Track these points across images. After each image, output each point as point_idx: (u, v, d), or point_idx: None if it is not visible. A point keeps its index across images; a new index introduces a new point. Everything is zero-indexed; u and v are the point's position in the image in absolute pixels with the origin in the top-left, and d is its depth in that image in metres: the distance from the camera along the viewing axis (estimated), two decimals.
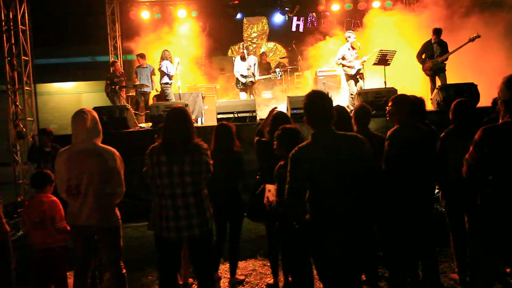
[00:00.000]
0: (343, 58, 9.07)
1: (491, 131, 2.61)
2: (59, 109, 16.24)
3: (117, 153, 3.46)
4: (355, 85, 9.09)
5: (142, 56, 10.47)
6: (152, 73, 10.36)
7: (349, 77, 9.14)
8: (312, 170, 2.64)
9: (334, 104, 2.93)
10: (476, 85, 7.78)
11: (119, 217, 3.51)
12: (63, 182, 3.35)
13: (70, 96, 16.86)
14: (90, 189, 3.31)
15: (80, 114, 3.38)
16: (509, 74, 2.63)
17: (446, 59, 8.71)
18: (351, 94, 9.09)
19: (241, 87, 9.72)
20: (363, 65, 9.03)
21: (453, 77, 8.99)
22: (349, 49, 9.06)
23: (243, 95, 9.67)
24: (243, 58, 9.65)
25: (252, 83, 9.66)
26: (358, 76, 9.08)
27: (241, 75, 9.60)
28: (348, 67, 9.05)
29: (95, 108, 7.98)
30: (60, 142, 4.27)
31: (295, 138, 3.31)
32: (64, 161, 3.35)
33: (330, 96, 2.80)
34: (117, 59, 12.53)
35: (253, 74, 9.58)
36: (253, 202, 3.97)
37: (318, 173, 2.64)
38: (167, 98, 9.49)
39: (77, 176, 3.30)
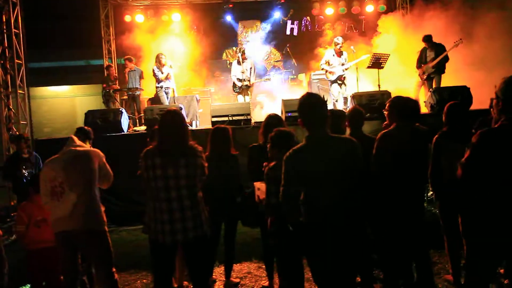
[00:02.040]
0: (327, 63, 9.17)
1: (488, 134, 2.61)
2: (52, 113, 16.14)
3: (99, 152, 3.60)
4: (339, 89, 9.18)
5: (129, 59, 10.54)
6: (141, 76, 10.39)
7: (331, 82, 9.27)
8: (307, 173, 2.65)
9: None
10: (469, 88, 7.85)
11: (105, 221, 3.54)
12: (47, 187, 3.38)
13: (64, 100, 16.77)
14: (77, 192, 3.34)
15: None
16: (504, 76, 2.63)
17: (438, 63, 8.84)
18: (334, 99, 9.21)
19: (237, 90, 9.75)
20: (344, 71, 9.12)
21: (449, 80, 9.09)
22: (334, 55, 9.16)
23: (241, 98, 9.68)
24: (239, 62, 9.68)
25: (247, 86, 9.68)
26: (340, 82, 9.16)
27: (237, 79, 9.61)
28: (330, 72, 9.16)
29: (89, 112, 8.06)
30: (54, 145, 4.28)
31: (288, 141, 3.32)
32: (52, 166, 3.41)
33: (325, 99, 2.82)
34: (111, 62, 12.52)
35: (249, 78, 9.61)
36: (245, 207, 3.99)
37: (313, 176, 2.65)
38: (160, 101, 9.55)
39: (63, 180, 3.34)
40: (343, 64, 9.12)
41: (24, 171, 6.38)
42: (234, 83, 9.79)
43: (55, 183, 3.34)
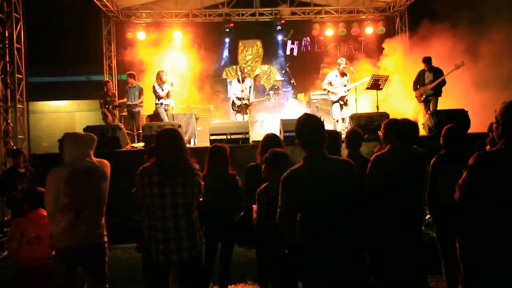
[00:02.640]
0: (330, 84, 9.22)
1: (485, 157, 2.61)
2: (52, 127, 16.14)
3: (107, 163, 3.54)
4: (340, 111, 9.21)
5: (131, 75, 10.61)
6: (140, 92, 10.44)
7: (333, 102, 9.29)
8: (304, 193, 2.63)
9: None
10: (466, 111, 7.89)
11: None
12: (56, 201, 3.23)
13: (63, 115, 16.82)
14: (91, 205, 3.31)
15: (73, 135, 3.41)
16: (502, 101, 2.64)
17: (436, 86, 8.90)
18: (334, 119, 9.25)
19: (236, 109, 9.76)
20: (346, 92, 9.17)
21: (445, 103, 9.15)
22: (337, 75, 9.21)
23: (239, 117, 9.70)
24: (239, 81, 9.72)
25: (246, 105, 9.71)
26: (342, 103, 9.20)
27: (237, 98, 9.65)
28: (332, 93, 9.20)
29: (87, 127, 8.06)
30: (51, 160, 4.26)
31: (283, 161, 3.31)
32: (62, 178, 3.25)
33: (322, 119, 2.82)
34: (112, 78, 12.60)
35: (248, 97, 9.65)
36: (241, 227, 3.96)
37: (310, 196, 2.64)
38: (159, 118, 9.58)
39: (79, 194, 3.27)
40: (345, 85, 9.17)
41: (19, 186, 6.34)
42: (233, 101, 9.81)
43: (73, 196, 3.25)
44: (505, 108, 2.58)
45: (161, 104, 9.65)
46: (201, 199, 3.31)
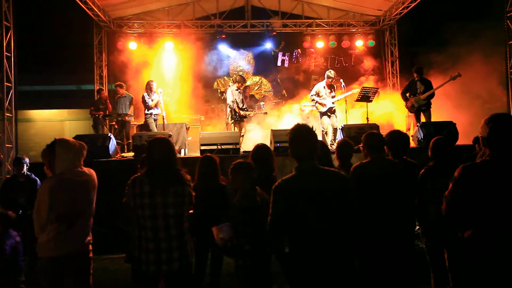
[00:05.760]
0: (317, 95, 9.23)
1: (470, 169, 2.64)
2: (40, 136, 15.97)
3: (94, 172, 3.50)
4: (329, 121, 9.22)
5: (120, 86, 10.62)
6: (131, 102, 10.41)
7: (321, 114, 9.30)
8: (295, 203, 2.64)
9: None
10: (455, 124, 8.00)
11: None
12: (48, 212, 3.13)
13: (52, 123, 16.68)
14: (82, 215, 3.28)
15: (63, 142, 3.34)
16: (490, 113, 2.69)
17: (429, 96, 8.95)
18: (323, 131, 9.25)
19: (238, 118, 9.45)
20: (334, 103, 9.21)
21: (436, 115, 9.25)
22: (324, 87, 9.23)
23: (236, 129, 9.40)
24: (239, 90, 9.60)
25: (245, 117, 9.61)
26: (330, 113, 9.22)
27: (238, 107, 9.44)
28: (320, 104, 9.21)
29: (77, 136, 8.00)
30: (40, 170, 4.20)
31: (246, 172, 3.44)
32: (55, 189, 3.18)
33: (314, 130, 2.83)
34: (103, 87, 12.55)
35: (246, 107, 9.54)
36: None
37: (301, 206, 2.64)
38: (149, 128, 9.55)
39: (72, 204, 3.22)
40: (333, 97, 9.21)
41: (19, 199, 5.92)
42: (233, 110, 9.39)
43: (67, 206, 3.19)
44: (484, 123, 2.64)
45: (151, 114, 9.63)
46: (191, 211, 3.29)
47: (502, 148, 2.55)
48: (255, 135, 10.67)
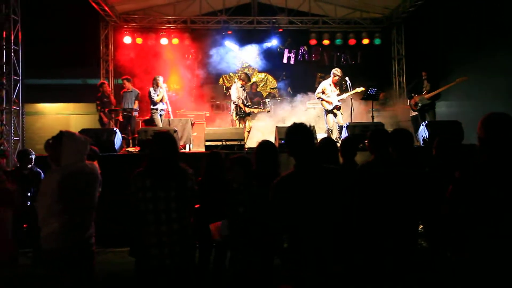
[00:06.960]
0: (323, 93, 9.20)
1: (470, 169, 2.64)
2: (45, 130, 16.05)
3: (97, 165, 3.55)
4: (334, 119, 9.21)
5: (128, 79, 10.60)
6: (137, 97, 10.44)
7: (327, 111, 9.28)
8: (294, 200, 2.65)
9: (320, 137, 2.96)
10: (460, 123, 7.94)
11: None
12: (51, 205, 3.15)
13: (58, 117, 16.75)
14: (85, 208, 3.32)
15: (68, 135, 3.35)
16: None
17: (433, 97, 8.91)
18: (329, 129, 9.24)
19: (243, 115, 9.43)
20: (340, 101, 9.18)
21: (441, 114, 9.21)
22: (330, 84, 9.20)
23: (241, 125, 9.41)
24: (243, 87, 9.60)
25: (249, 114, 9.62)
26: (335, 111, 9.21)
27: (243, 104, 9.41)
28: (326, 101, 9.18)
29: (82, 130, 8.04)
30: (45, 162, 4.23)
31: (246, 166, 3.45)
32: (60, 182, 3.17)
33: (311, 127, 2.83)
34: (109, 82, 12.60)
35: (250, 104, 9.54)
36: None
37: (299, 204, 2.64)
38: (155, 123, 9.58)
39: (77, 197, 3.24)
40: (339, 95, 9.18)
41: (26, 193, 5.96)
42: (238, 107, 9.38)
43: (71, 199, 3.21)
44: (480, 123, 2.62)
45: (157, 109, 9.66)
46: (197, 205, 3.31)
47: (500, 148, 2.53)
48: (260, 132, 10.68)
